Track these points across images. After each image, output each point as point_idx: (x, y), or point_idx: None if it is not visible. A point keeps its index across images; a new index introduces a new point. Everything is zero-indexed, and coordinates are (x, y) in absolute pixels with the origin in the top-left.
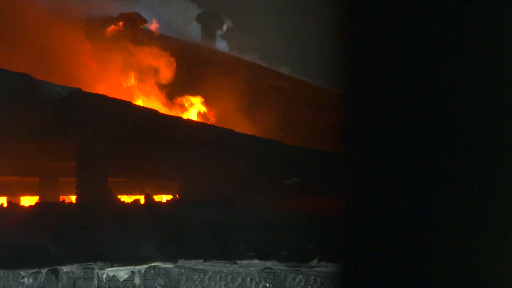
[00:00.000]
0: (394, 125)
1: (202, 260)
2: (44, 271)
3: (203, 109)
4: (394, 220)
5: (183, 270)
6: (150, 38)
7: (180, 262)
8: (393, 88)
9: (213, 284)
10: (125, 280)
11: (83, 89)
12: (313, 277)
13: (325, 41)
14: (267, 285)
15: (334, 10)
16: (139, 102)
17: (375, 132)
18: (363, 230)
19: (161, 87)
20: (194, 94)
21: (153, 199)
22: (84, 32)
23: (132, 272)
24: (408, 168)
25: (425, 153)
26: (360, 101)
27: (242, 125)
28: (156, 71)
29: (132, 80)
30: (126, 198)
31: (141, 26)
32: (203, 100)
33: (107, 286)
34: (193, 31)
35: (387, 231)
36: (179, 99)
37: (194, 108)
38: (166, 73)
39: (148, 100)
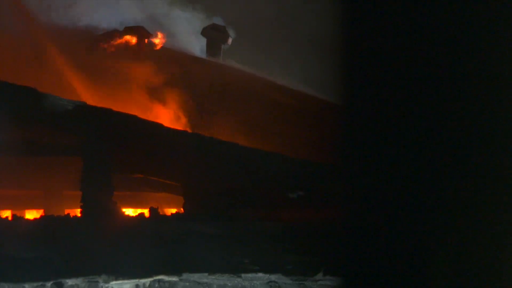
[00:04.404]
0: (398, 137)
1: (207, 274)
2: (48, 284)
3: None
4: (401, 232)
5: (187, 284)
6: (155, 52)
7: (185, 276)
8: (396, 99)
9: None
10: None
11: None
12: None
13: (327, 53)
14: None
15: (336, 22)
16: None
17: (379, 144)
18: (368, 243)
19: (165, 102)
20: (196, 109)
21: (158, 213)
22: (89, 45)
23: (137, 285)
24: (412, 179)
25: (430, 165)
26: (363, 113)
27: (246, 139)
28: (160, 87)
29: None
30: (131, 212)
31: (146, 40)
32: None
33: None
34: (199, 44)
35: (393, 243)
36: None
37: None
38: (170, 89)
39: (152, 115)
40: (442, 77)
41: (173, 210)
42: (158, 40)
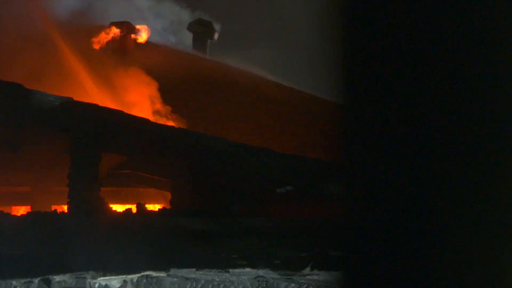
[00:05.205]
0: (391, 132)
1: (194, 269)
2: (36, 280)
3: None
4: (390, 228)
5: (175, 279)
6: (141, 47)
7: (173, 271)
8: (390, 95)
9: None
10: None
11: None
12: (305, 285)
13: (318, 49)
14: None
15: (328, 17)
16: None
17: (371, 139)
18: (357, 238)
19: (150, 96)
20: (184, 104)
21: (145, 208)
22: (74, 40)
23: (125, 281)
24: (405, 174)
25: (423, 159)
26: (355, 108)
27: (234, 134)
28: (144, 81)
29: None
30: (118, 207)
31: (132, 35)
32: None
33: None
34: (185, 39)
35: (387, 241)
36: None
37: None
38: (155, 83)
39: (137, 109)
40: (444, 75)
41: (161, 206)
42: (144, 35)
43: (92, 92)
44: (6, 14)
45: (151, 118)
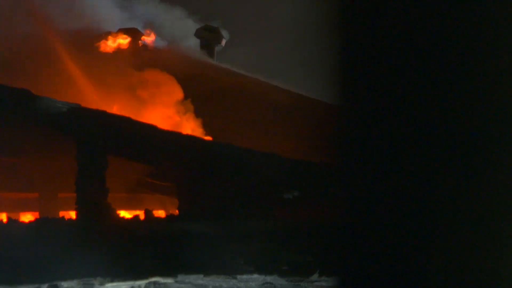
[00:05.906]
0: (394, 136)
1: (202, 275)
2: (44, 286)
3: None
4: (398, 232)
5: (183, 285)
6: (149, 52)
7: (180, 277)
8: (392, 98)
9: None
10: None
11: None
12: None
13: (321, 53)
14: None
15: (331, 22)
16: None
17: (375, 143)
18: (364, 243)
19: (160, 102)
20: (192, 109)
21: (153, 214)
22: (80, 47)
23: (132, 287)
24: (408, 178)
25: (426, 164)
26: (359, 112)
27: (241, 139)
28: (155, 88)
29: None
30: (126, 214)
31: (140, 41)
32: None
33: None
34: (192, 45)
35: (391, 243)
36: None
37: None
38: (165, 90)
39: (148, 116)
40: (443, 76)
41: (168, 212)
42: (152, 41)
43: (97, 98)
44: (10, 20)
45: (159, 124)
